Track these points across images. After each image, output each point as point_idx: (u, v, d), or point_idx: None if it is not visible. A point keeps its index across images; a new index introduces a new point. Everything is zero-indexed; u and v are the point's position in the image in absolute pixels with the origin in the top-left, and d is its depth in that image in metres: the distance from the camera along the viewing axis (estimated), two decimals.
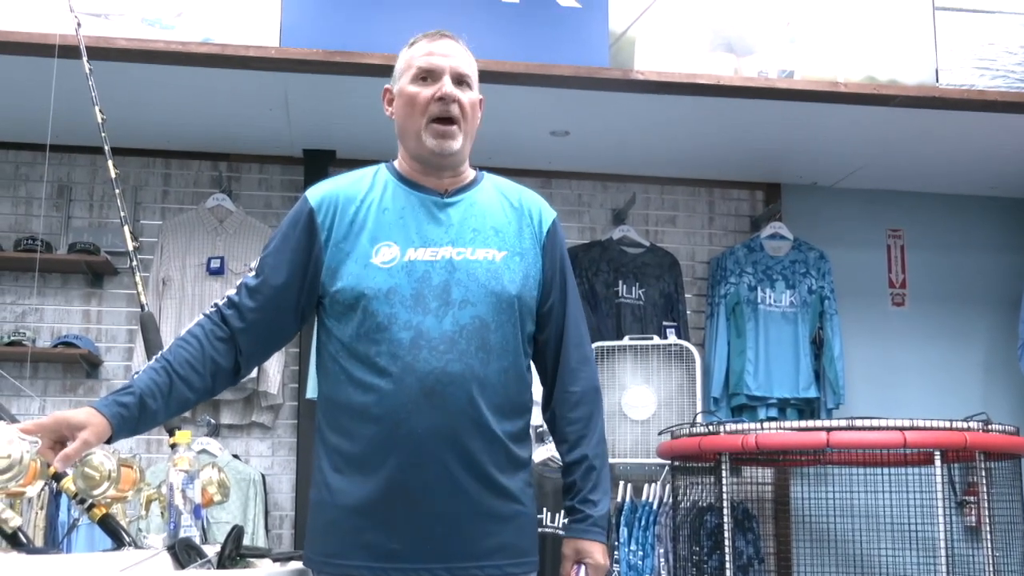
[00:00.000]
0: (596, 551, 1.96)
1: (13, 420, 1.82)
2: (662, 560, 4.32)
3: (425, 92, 1.95)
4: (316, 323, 2.01)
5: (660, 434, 4.42)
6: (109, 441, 1.75)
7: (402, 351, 1.85)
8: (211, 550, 1.67)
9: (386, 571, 1.85)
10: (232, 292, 1.95)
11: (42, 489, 1.98)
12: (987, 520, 3.77)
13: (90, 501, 1.75)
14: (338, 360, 1.92)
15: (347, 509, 1.88)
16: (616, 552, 4.35)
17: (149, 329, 2.02)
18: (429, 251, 1.92)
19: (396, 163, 2.05)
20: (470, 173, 2.06)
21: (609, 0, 4.00)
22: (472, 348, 1.88)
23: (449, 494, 1.87)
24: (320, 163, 4.98)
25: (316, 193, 1.99)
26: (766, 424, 3.81)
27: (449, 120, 1.95)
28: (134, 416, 1.76)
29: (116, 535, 1.77)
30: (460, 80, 1.98)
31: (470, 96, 2.00)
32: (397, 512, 1.86)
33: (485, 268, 1.93)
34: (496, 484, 1.91)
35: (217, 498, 1.91)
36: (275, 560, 1.83)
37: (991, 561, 3.71)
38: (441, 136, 1.95)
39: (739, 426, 3.85)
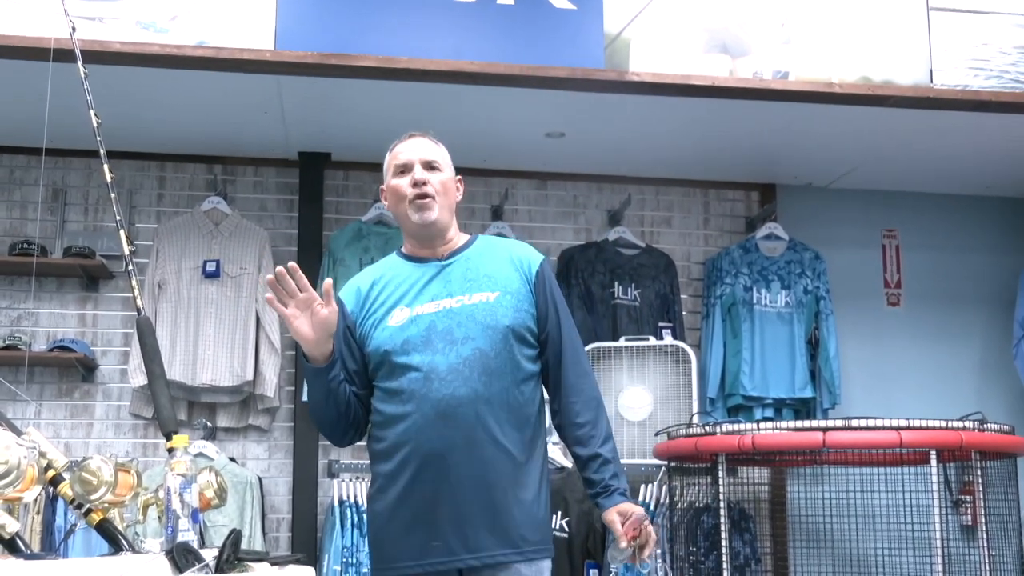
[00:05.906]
0: (632, 506, 2.28)
1: (11, 427, 1.82)
2: (659, 561, 4.32)
3: (403, 181, 2.41)
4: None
5: (656, 435, 4.42)
6: (328, 367, 2.27)
7: (417, 385, 2.28)
8: (209, 554, 1.67)
9: (421, 567, 2.26)
10: None
11: (39, 494, 1.98)
12: (983, 519, 3.78)
13: (87, 506, 1.75)
14: (377, 403, 2.36)
15: (386, 519, 2.31)
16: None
17: (145, 333, 2.01)
18: (433, 304, 2.34)
19: (403, 247, 2.50)
20: (462, 238, 2.48)
21: (604, 1, 4.00)
22: (475, 374, 2.28)
23: (463, 498, 2.25)
24: (315, 165, 4.98)
25: (342, 291, 2.44)
26: (762, 424, 3.81)
27: (424, 196, 2.38)
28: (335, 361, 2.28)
29: (113, 540, 1.77)
30: (429, 166, 2.42)
31: (440, 176, 2.42)
32: (421, 516, 2.27)
33: (482, 308, 2.33)
34: (502, 485, 2.28)
35: (215, 502, 1.91)
36: (273, 563, 1.83)
37: (987, 560, 3.72)
38: (420, 209, 2.39)
39: (735, 426, 3.86)
